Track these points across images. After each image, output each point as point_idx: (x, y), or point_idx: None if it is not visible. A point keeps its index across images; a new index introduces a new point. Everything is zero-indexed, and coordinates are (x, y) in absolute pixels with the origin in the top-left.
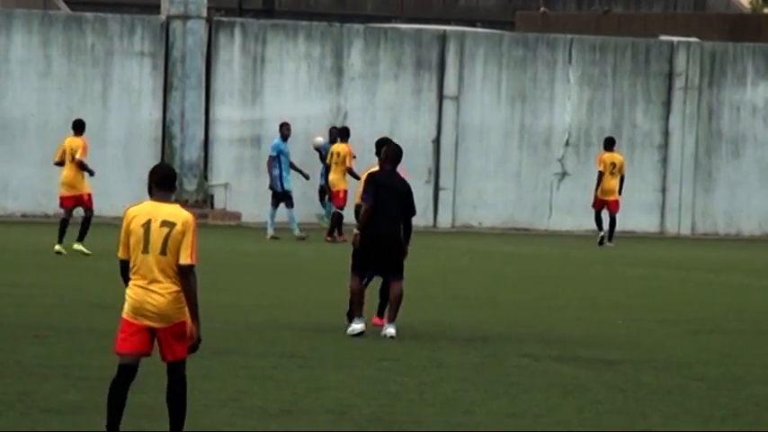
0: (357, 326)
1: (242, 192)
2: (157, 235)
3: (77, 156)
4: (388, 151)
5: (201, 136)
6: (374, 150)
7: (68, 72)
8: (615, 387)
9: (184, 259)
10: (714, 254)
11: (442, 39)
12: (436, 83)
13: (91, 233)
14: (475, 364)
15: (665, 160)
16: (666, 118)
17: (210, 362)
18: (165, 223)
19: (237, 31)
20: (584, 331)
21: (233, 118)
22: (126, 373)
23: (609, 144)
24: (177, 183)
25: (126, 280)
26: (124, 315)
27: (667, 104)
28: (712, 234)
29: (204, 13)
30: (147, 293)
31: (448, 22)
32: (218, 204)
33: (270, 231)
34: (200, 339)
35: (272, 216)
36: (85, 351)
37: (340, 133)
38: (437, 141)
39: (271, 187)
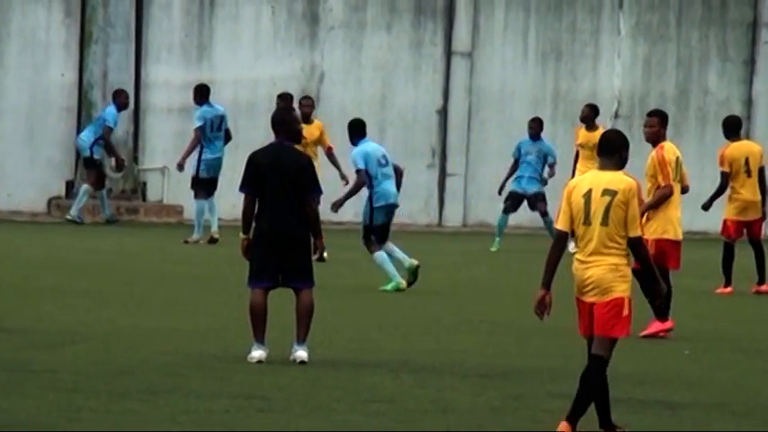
0: (256, 353)
1: (184, 179)
2: (598, 204)
3: None
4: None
5: (131, 104)
6: (347, 121)
7: None
8: None
9: (634, 232)
10: None
11: None
12: (442, 34)
13: None
14: (493, 407)
15: (747, 137)
16: (749, 81)
17: (141, 404)
18: (606, 192)
19: None
20: (638, 365)
21: (172, 80)
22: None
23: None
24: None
25: (557, 256)
26: (576, 293)
27: (750, 63)
28: None
29: None
30: (586, 267)
31: None
32: (153, 195)
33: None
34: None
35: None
36: None
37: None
38: (444, 112)
39: None
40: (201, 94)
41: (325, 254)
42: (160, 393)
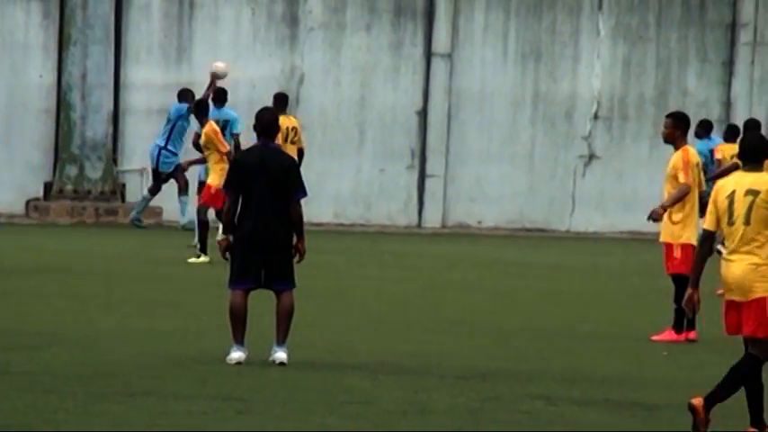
0: (235, 354)
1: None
2: (741, 204)
3: None
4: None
5: (110, 106)
6: (326, 123)
7: None
8: None
9: None
10: None
11: None
12: (422, 35)
13: None
14: (471, 408)
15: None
16: (728, 83)
17: (118, 406)
18: (749, 192)
19: None
20: (616, 366)
21: (152, 82)
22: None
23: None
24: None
25: (703, 255)
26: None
27: (729, 65)
28: None
29: None
30: (728, 265)
31: None
32: (132, 197)
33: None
34: None
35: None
36: None
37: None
38: (423, 113)
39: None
40: (214, 96)
41: None
42: (138, 395)
